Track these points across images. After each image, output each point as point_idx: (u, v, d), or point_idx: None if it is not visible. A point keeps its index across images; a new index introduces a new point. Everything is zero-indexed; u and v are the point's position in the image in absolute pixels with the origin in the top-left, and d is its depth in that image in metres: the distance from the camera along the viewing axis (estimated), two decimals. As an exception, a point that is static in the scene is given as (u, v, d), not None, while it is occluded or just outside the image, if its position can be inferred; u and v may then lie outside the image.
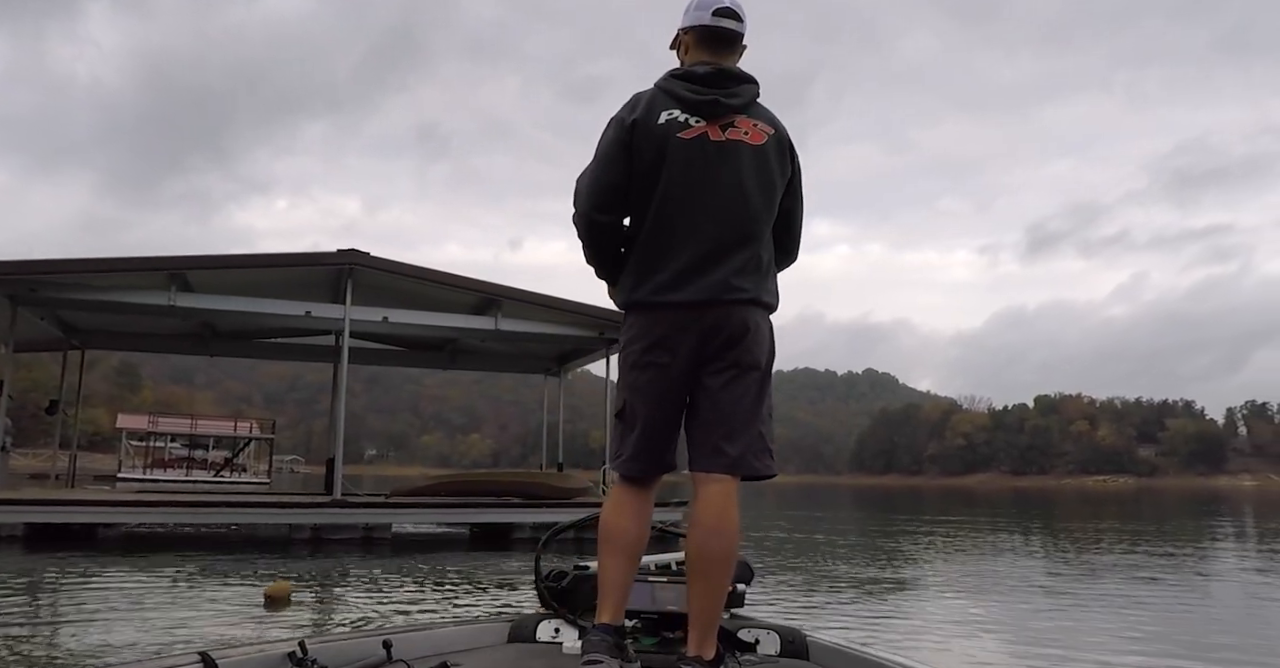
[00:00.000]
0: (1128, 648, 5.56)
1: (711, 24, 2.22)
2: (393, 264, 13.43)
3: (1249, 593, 8.78)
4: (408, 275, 13.50)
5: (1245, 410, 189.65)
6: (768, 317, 2.19)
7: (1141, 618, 6.73)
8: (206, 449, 40.38)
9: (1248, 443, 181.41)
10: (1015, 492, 68.89)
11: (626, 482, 2.18)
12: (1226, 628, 6.54)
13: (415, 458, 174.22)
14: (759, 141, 2.17)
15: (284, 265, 13.94)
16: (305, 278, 13.95)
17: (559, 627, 2.35)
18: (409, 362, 19.66)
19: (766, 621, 2.41)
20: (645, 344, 2.13)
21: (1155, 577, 9.57)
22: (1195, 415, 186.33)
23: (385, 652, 2.00)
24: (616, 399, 2.22)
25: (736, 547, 2.07)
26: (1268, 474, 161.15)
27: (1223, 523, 22.55)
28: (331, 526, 11.70)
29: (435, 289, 13.92)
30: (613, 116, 2.21)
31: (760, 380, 2.14)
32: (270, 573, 8.19)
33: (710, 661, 2.01)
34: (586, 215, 2.20)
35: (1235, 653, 5.56)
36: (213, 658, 1.77)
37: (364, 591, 7.55)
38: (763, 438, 2.12)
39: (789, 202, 2.27)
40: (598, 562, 2.15)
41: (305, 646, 1.91)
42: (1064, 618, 6.76)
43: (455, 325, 14.32)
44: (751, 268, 2.14)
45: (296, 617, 6.11)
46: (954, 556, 12.19)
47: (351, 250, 13.15)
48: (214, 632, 5.32)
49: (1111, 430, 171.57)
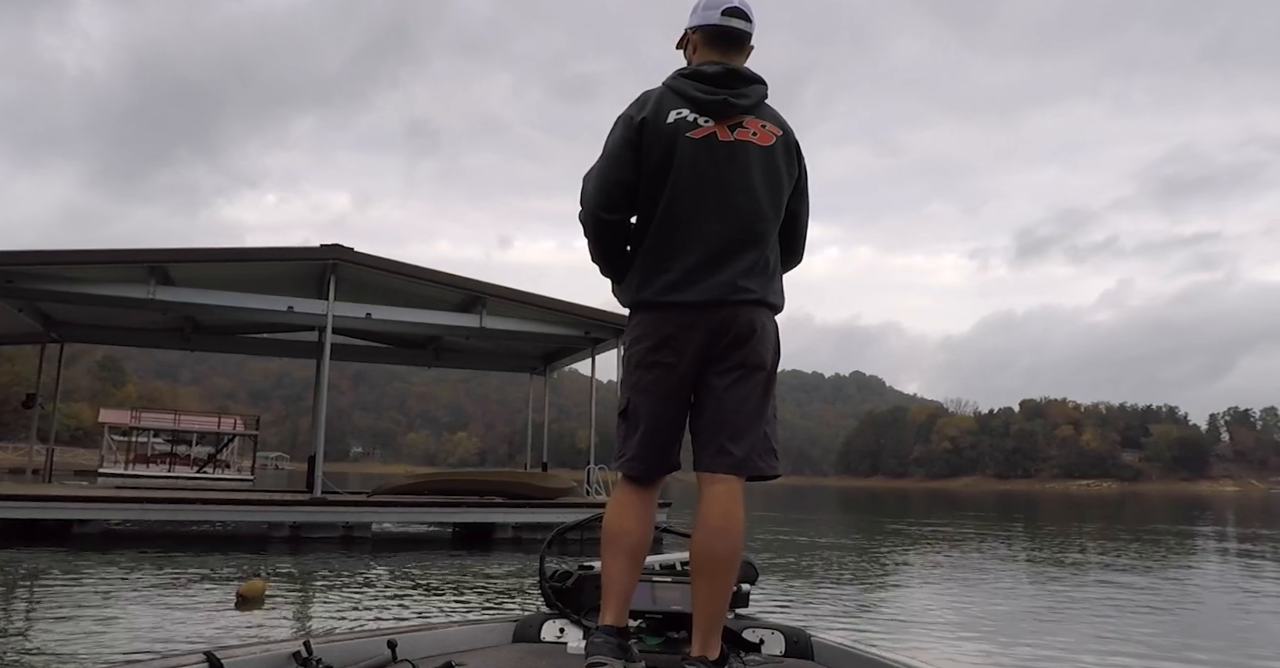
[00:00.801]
0: (1104, 648, 5.55)
1: (721, 24, 2.22)
2: (377, 260, 13.30)
3: (1230, 597, 8.78)
4: (392, 272, 13.37)
5: (1228, 417, 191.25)
6: (773, 318, 2.19)
7: (1118, 620, 6.73)
8: (190, 445, 40.14)
9: (1230, 449, 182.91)
10: (1000, 495, 69.16)
11: (630, 482, 2.16)
12: (1204, 630, 6.56)
13: (401, 456, 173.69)
14: (767, 142, 2.17)
15: (266, 260, 13.80)
16: (289, 273, 13.81)
17: (564, 627, 2.34)
18: (393, 359, 19.51)
19: (771, 621, 2.39)
20: (651, 343, 2.12)
21: (1133, 581, 9.56)
22: (1179, 421, 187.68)
23: (390, 652, 2.00)
24: (620, 399, 2.19)
25: (742, 547, 2.06)
26: (1249, 480, 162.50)
27: (1205, 528, 22.77)
28: (311, 524, 11.56)
29: (420, 286, 13.79)
30: (620, 114, 2.19)
31: (766, 381, 2.13)
32: (242, 573, 8.04)
33: (715, 661, 2.00)
34: (593, 214, 2.20)
35: (1209, 653, 5.60)
36: (218, 658, 1.76)
37: (340, 590, 7.43)
38: (768, 438, 2.12)
39: (795, 203, 2.26)
40: (601, 563, 2.14)
41: (310, 645, 1.90)
42: (1042, 619, 6.73)
43: (439, 323, 14.21)
44: (759, 269, 2.13)
45: (268, 616, 6.00)
46: (938, 557, 12.15)
47: (335, 246, 13.01)
48: (181, 632, 5.21)
49: (1096, 435, 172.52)
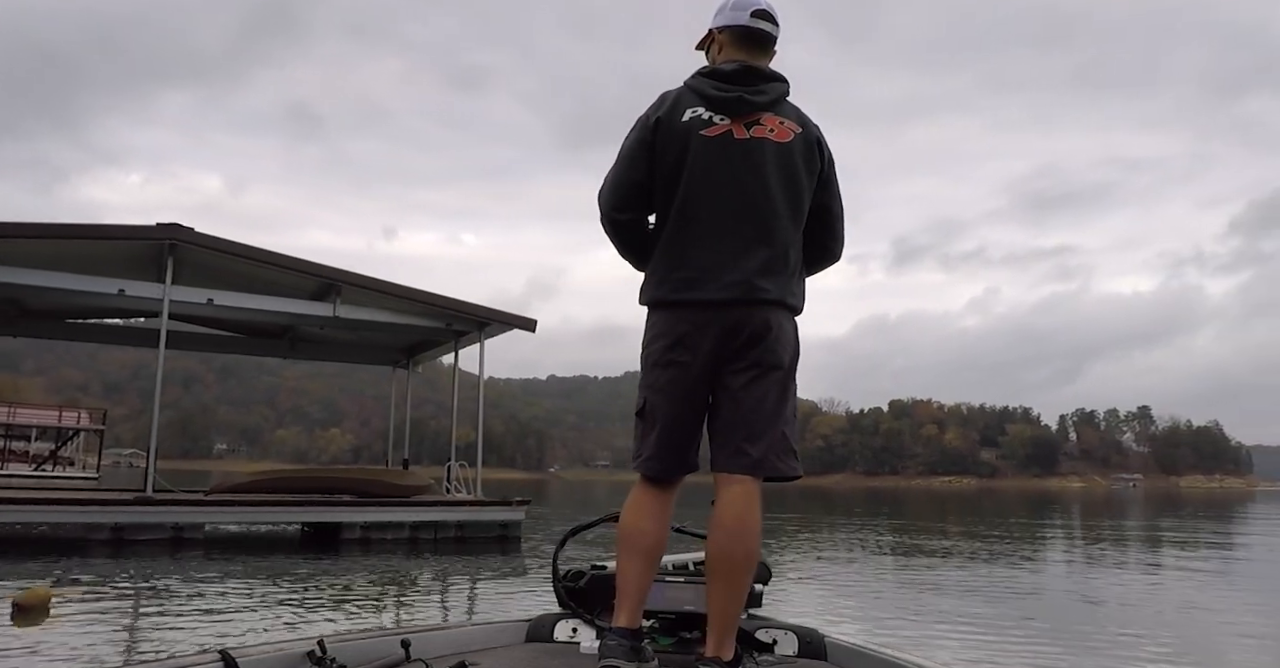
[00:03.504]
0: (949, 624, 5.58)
1: (750, 25, 2.22)
2: (219, 242, 12.43)
3: (1069, 580, 9.23)
4: (237, 255, 12.52)
5: (1075, 418, 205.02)
6: (792, 318, 2.17)
7: (968, 602, 6.82)
8: (28, 441, 37.26)
9: (1076, 448, 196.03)
10: (869, 491, 71.74)
11: (647, 482, 2.14)
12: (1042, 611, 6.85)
13: (270, 453, 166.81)
14: (785, 139, 2.14)
15: (96, 238, 12.67)
16: (123, 254, 12.77)
17: (576, 627, 2.34)
18: (243, 349, 18.44)
19: (784, 621, 2.38)
20: (668, 343, 2.10)
21: (985, 569, 9.85)
22: (1032, 422, 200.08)
23: (404, 651, 2.00)
24: (638, 398, 2.17)
25: (758, 548, 2.05)
26: (1093, 476, 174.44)
27: (1054, 521, 24.15)
28: (135, 525, 10.67)
29: (269, 271, 12.97)
30: (640, 116, 2.20)
31: (783, 381, 2.12)
32: (28, 582, 7.21)
33: (729, 661, 1.99)
34: (608, 215, 2.21)
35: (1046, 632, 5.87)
36: (233, 657, 1.77)
37: (146, 599, 6.78)
38: (786, 439, 2.11)
39: (824, 198, 2.24)
40: (616, 564, 2.12)
41: (324, 645, 1.91)
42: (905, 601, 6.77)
43: (290, 311, 13.39)
44: (776, 268, 2.10)
45: (48, 633, 5.36)
46: (811, 549, 12.23)
47: (173, 225, 12.09)
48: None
49: (958, 434, 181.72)
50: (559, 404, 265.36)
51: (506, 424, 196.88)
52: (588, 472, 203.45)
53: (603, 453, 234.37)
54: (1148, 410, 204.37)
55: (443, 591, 8.17)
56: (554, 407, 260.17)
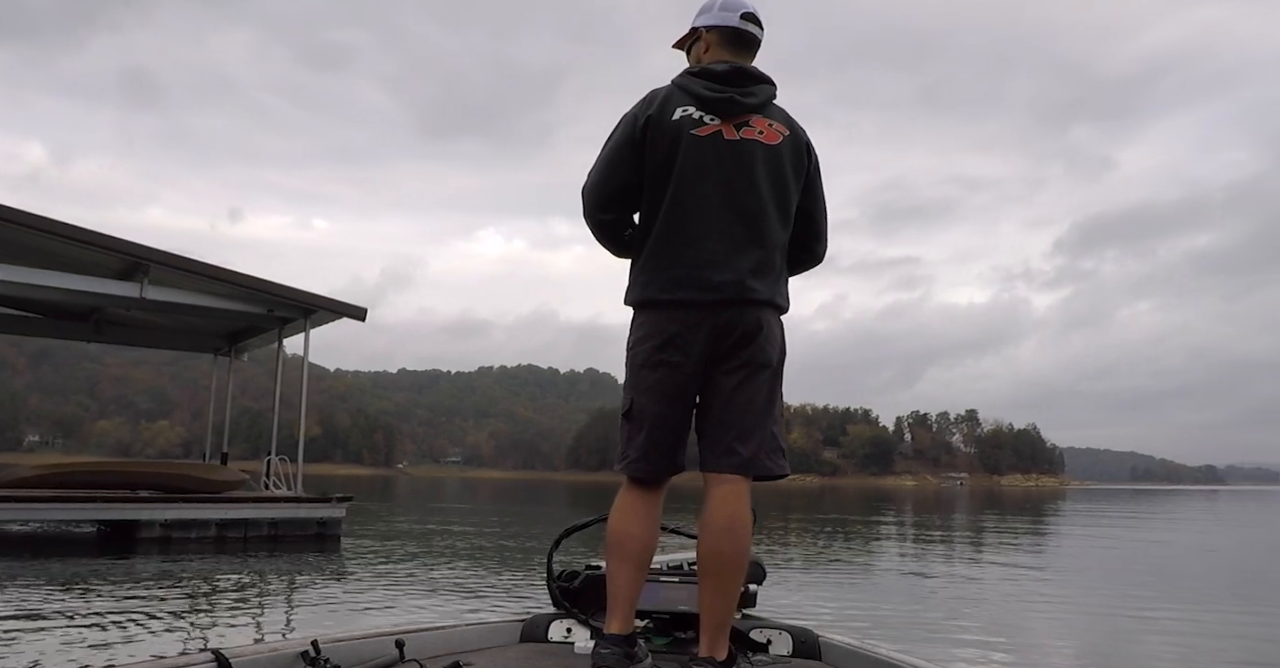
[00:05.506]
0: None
1: (739, 27, 2.23)
2: (5, 211, 11.20)
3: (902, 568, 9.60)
4: (24, 226, 11.30)
5: (911, 419, 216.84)
6: (779, 317, 2.18)
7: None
8: None
9: (911, 448, 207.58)
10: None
11: (634, 484, 2.12)
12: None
13: (89, 446, 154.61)
14: (774, 141, 2.16)
15: None
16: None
17: (571, 627, 2.34)
18: (44, 331, 16.84)
19: (778, 621, 2.38)
20: (658, 342, 2.08)
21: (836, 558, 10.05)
22: (872, 423, 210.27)
23: (398, 651, 2.00)
24: (623, 399, 2.14)
25: (749, 547, 2.05)
26: (925, 475, 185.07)
27: (888, 517, 25.94)
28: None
29: (66, 245, 11.81)
30: (625, 114, 2.18)
31: (772, 380, 2.13)
32: None
33: (723, 661, 2.00)
34: (591, 216, 2.22)
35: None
36: (226, 657, 1.76)
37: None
38: (775, 438, 2.12)
39: (808, 202, 2.25)
40: (606, 569, 2.10)
41: (318, 645, 1.91)
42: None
43: (90, 290, 12.27)
44: (765, 269, 2.11)
45: None
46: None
47: (-51, 190, 10.80)
48: None
49: (803, 434, 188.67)
50: (410, 398, 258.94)
51: (354, 418, 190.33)
52: (437, 468, 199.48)
53: (453, 449, 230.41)
54: (975, 414, 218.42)
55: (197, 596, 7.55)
56: (405, 401, 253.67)
